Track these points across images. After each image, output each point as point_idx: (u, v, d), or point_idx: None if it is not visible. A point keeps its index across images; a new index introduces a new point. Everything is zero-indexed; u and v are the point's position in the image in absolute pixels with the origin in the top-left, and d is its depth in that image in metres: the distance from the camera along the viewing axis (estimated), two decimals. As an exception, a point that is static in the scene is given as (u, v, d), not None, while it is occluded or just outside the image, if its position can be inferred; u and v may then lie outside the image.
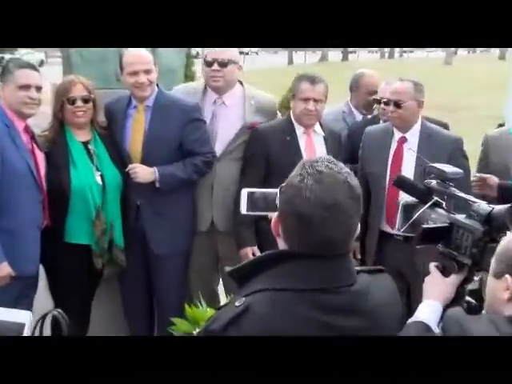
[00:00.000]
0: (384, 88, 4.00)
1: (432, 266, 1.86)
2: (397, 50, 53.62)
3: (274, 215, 1.52)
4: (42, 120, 3.57)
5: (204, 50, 3.83)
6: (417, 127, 3.52)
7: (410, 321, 1.74)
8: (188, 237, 3.65)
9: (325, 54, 44.82)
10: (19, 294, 3.14)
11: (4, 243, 3.04)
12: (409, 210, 1.94)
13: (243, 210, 2.00)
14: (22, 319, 1.44)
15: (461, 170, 2.00)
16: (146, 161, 3.43)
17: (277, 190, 1.94)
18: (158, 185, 3.40)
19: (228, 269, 1.52)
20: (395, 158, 3.52)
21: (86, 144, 3.39)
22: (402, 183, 2.12)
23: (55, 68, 6.69)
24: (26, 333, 1.44)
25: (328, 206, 1.37)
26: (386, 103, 3.54)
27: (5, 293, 3.02)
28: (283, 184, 1.49)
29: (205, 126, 3.57)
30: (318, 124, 3.64)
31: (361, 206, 1.45)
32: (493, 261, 1.60)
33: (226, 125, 3.68)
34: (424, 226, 1.82)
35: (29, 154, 3.15)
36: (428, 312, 1.76)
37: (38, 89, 3.14)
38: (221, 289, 3.89)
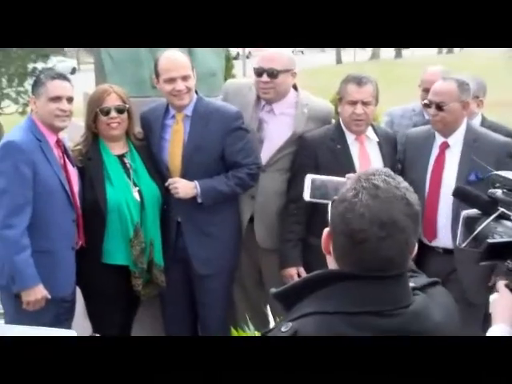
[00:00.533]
0: (428, 78, 3.95)
1: (501, 285, 1.81)
2: (456, 43, 52.75)
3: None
4: (75, 133, 3.62)
5: (247, 52, 3.84)
6: (461, 131, 3.38)
7: None
8: (233, 255, 3.62)
9: (376, 51, 44.48)
10: (55, 317, 3.18)
11: (39, 264, 3.08)
12: (471, 222, 1.88)
13: (306, 196, 1.98)
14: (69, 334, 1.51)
15: None
16: (186, 174, 3.42)
17: (344, 179, 1.88)
18: (199, 200, 3.39)
19: (273, 290, 1.49)
20: (436, 164, 3.41)
21: (121, 157, 3.41)
22: (461, 194, 2.07)
23: (88, 75, 6.80)
24: None
25: (383, 224, 1.36)
26: (427, 105, 3.41)
27: (41, 316, 3.07)
28: (335, 198, 1.46)
29: (248, 135, 3.53)
30: (370, 128, 3.55)
31: (419, 224, 1.43)
32: None
33: (274, 133, 3.65)
34: (490, 240, 1.75)
35: (61, 169, 3.19)
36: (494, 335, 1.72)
37: (70, 100, 3.18)
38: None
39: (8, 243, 3.01)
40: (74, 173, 3.28)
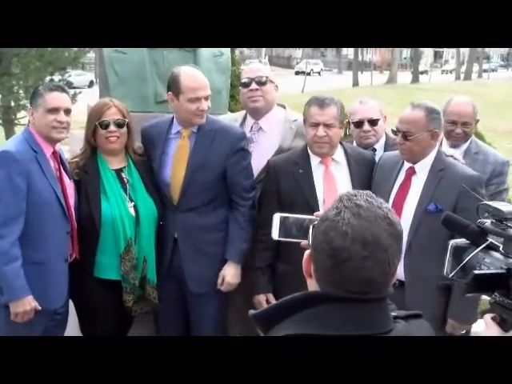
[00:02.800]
0: (357, 108, 3.84)
1: (488, 318, 1.74)
2: (474, 69, 52.90)
3: (305, 243, 1.45)
4: (77, 145, 3.62)
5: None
6: (429, 159, 3.27)
7: None
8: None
9: (393, 74, 44.65)
10: (46, 329, 3.17)
11: (31, 276, 3.06)
12: (459, 252, 1.83)
13: (275, 235, 2.00)
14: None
15: None
16: (187, 190, 3.42)
17: (312, 216, 1.88)
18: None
19: (252, 312, 1.46)
20: (400, 190, 3.31)
21: (119, 172, 3.39)
22: (450, 222, 1.99)
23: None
24: None
25: (367, 242, 1.34)
26: (395, 132, 3.30)
27: (31, 328, 3.06)
28: (316, 217, 1.47)
29: (250, 156, 3.54)
30: (340, 150, 3.46)
31: (401, 245, 1.41)
32: None
33: (261, 151, 3.66)
34: (476, 271, 1.69)
35: (56, 181, 3.18)
36: None
37: (67, 112, 3.18)
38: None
39: None
40: (69, 185, 3.27)
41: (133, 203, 3.35)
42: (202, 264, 3.48)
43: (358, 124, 3.77)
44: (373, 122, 3.74)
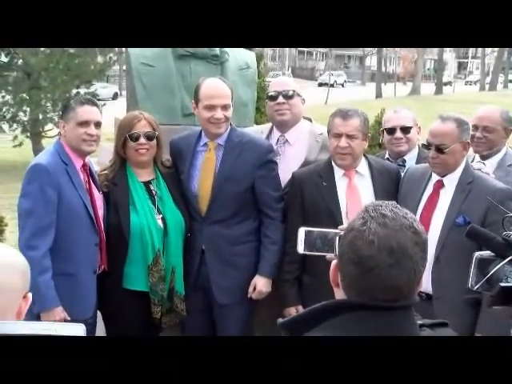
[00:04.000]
0: (391, 116, 3.85)
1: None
2: (500, 80, 52.41)
3: (331, 256, 1.47)
4: (106, 156, 3.66)
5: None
6: (458, 172, 3.25)
7: None
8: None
9: (416, 86, 44.43)
10: None
11: (60, 287, 3.10)
12: (484, 264, 1.83)
13: (300, 249, 2.01)
14: (78, 332, 1.58)
15: None
16: (214, 202, 3.44)
17: (337, 230, 1.88)
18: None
19: (280, 320, 1.49)
20: (428, 203, 3.29)
21: (147, 184, 3.42)
22: (475, 235, 2.00)
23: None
24: None
25: (393, 251, 1.37)
26: (427, 146, 3.27)
27: None
28: (340, 231, 1.47)
29: (277, 168, 3.56)
30: (364, 162, 3.47)
31: (426, 253, 1.43)
32: None
33: (287, 163, 3.67)
34: (503, 284, 1.70)
35: (86, 193, 3.22)
36: None
37: (97, 125, 3.22)
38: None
39: (30, 264, 3.03)
40: (98, 197, 3.32)
41: (161, 215, 3.38)
42: (229, 275, 3.49)
43: (391, 131, 3.78)
44: (405, 130, 3.74)
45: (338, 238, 1.52)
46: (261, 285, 3.45)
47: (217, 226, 3.46)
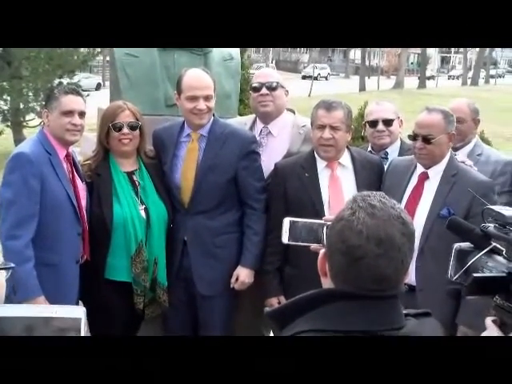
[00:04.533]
0: (373, 109, 3.88)
1: (489, 321, 1.79)
2: (481, 75, 52.75)
3: (315, 247, 1.48)
4: (88, 147, 3.63)
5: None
6: (443, 164, 3.30)
7: None
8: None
9: (400, 80, 44.63)
10: None
11: (42, 277, 3.09)
12: (463, 256, 1.87)
13: (285, 239, 2.03)
14: (78, 314, 1.57)
15: None
16: (197, 192, 3.44)
17: (321, 221, 1.89)
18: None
19: (267, 309, 1.51)
20: (412, 195, 3.33)
21: (130, 175, 3.41)
22: (455, 226, 2.03)
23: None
24: (83, 328, 1.57)
25: (381, 241, 1.38)
26: (414, 137, 3.31)
27: None
28: (327, 219, 1.50)
29: (260, 159, 3.57)
30: (346, 154, 3.49)
31: (413, 244, 1.45)
32: None
33: (270, 155, 3.68)
34: (475, 274, 1.73)
35: (69, 183, 3.21)
36: None
37: (82, 115, 3.20)
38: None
39: (12, 254, 3.02)
40: (81, 187, 3.30)
41: (144, 206, 3.37)
42: (212, 266, 3.50)
43: (373, 124, 3.80)
44: (387, 123, 3.77)
45: (324, 228, 1.53)
46: (243, 275, 3.46)
47: (200, 216, 3.46)
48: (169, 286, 3.47)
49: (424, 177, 3.32)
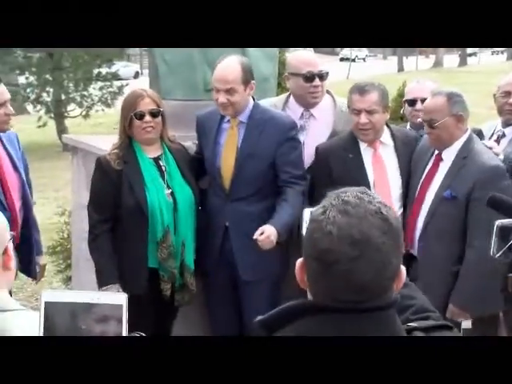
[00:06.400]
0: (412, 88, 3.89)
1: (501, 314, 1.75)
2: (526, 50, 51.32)
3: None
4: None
5: (294, 63, 3.78)
6: (456, 146, 3.27)
7: None
8: (279, 261, 3.54)
9: (439, 58, 43.72)
10: None
11: None
12: (505, 232, 1.82)
13: (304, 230, 1.96)
14: (120, 301, 1.50)
15: None
16: (237, 179, 3.43)
17: None
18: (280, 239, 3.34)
19: (258, 318, 1.35)
20: (427, 176, 3.35)
21: (156, 160, 3.41)
22: (495, 202, 2.01)
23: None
24: (124, 314, 1.50)
25: (355, 241, 1.19)
26: (421, 123, 3.33)
27: None
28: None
29: (301, 146, 3.54)
30: (387, 132, 3.48)
31: (400, 242, 1.27)
32: None
33: (315, 137, 3.65)
34: None
35: None
36: None
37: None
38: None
39: None
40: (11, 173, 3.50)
41: (170, 190, 3.36)
42: (253, 251, 3.43)
43: (412, 102, 3.80)
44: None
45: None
46: (269, 231, 3.25)
47: (240, 203, 3.45)
48: (209, 272, 3.48)
49: (438, 158, 3.32)
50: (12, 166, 3.43)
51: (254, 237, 3.24)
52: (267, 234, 3.22)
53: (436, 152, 3.34)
